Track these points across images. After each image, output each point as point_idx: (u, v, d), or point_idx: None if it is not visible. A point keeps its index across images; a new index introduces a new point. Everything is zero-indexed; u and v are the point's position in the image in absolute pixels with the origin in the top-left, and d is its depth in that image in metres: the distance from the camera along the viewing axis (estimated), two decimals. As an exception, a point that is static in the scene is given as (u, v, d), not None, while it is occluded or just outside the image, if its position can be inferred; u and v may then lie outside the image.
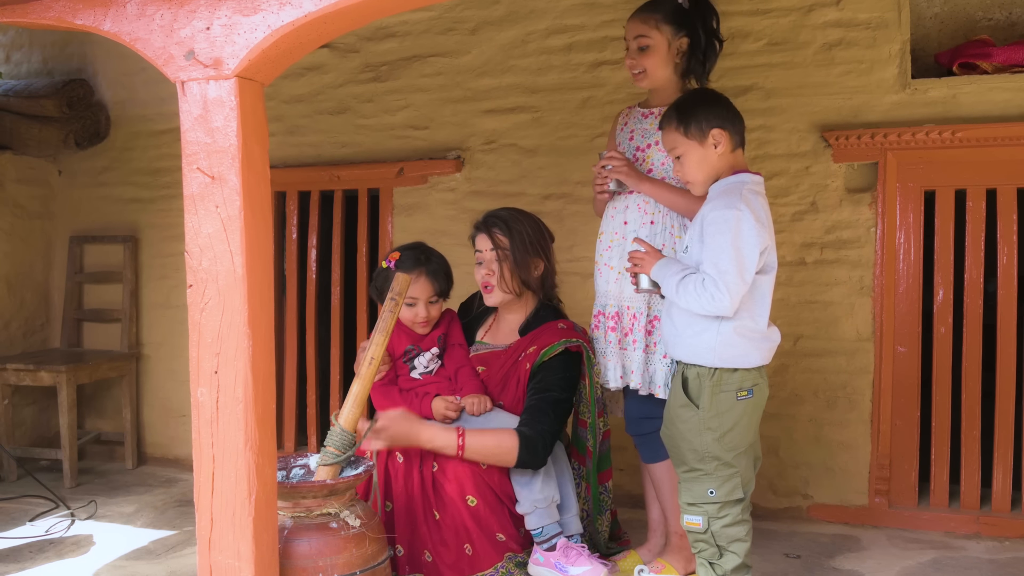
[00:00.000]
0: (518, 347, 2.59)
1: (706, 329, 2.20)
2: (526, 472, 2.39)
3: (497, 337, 2.71)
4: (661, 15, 2.57)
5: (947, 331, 3.22)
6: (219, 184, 1.71)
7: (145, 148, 4.32)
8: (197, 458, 1.78)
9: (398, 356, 2.60)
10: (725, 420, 2.19)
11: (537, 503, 2.39)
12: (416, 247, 2.65)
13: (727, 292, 2.13)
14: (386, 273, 2.54)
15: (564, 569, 2.35)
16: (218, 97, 1.71)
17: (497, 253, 2.57)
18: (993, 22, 3.39)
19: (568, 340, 2.51)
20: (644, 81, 2.63)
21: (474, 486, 2.36)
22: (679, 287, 2.21)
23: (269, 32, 1.66)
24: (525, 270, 2.59)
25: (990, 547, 3.03)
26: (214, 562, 1.77)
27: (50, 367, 3.87)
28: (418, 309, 2.57)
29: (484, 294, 2.65)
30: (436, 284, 2.58)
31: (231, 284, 1.72)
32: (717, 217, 2.18)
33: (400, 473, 2.39)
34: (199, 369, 1.76)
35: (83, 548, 3.09)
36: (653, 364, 2.54)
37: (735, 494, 2.20)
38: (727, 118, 2.28)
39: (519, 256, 2.57)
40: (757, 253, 2.15)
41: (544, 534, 2.41)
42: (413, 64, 3.87)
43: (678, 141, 2.29)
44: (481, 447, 2.35)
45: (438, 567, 2.37)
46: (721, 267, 2.14)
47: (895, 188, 3.23)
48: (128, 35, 1.76)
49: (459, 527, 2.36)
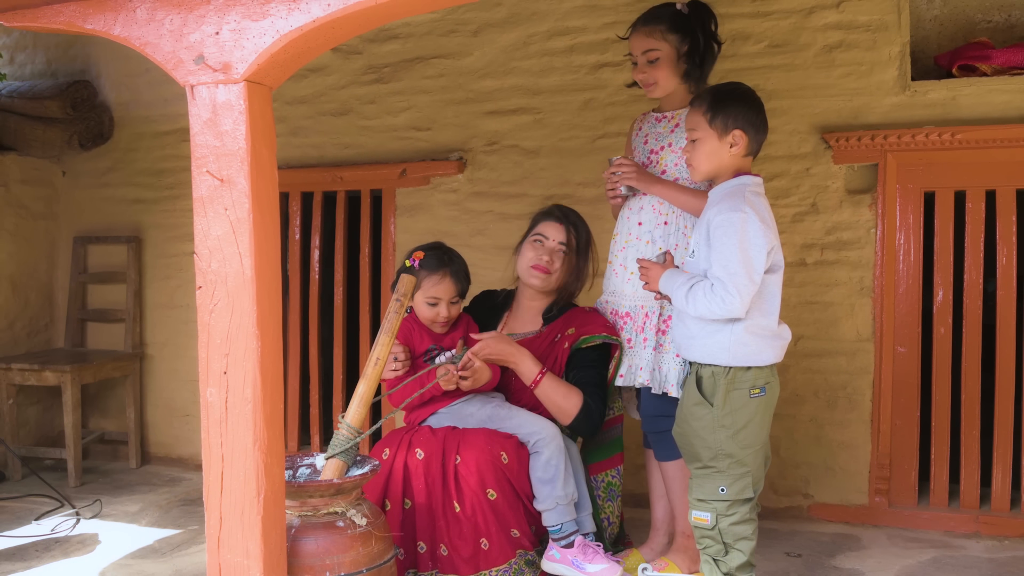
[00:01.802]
0: (553, 329, 2.70)
1: (719, 330, 2.23)
2: (550, 468, 2.44)
3: (521, 325, 2.79)
4: (665, 25, 2.60)
5: (947, 331, 3.24)
6: (228, 187, 1.73)
7: (149, 149, 4.34)
8: (206, 458, 1.80)
9: (419, 355, 2.63)
10: (739, 417, 2.22)
11: (559, 499, 2.43)
12: (438, 247, 2.68)
13: (737, 294, 2.16)
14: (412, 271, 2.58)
15: (581, 566, 2.38)
16: (227, 101, 1.73)
17: (566, 247, 2.70)
18: (992, 24, 3.41)
19: (609, 337, 2.62)
20: (656, 91, 2.67)
21: (495, 479, 2.39)
22: (688, 296, 2.24)
23: (278, 37, 1.68)
24: (575, 278, 2.74)
25: (989, 546, 3.05)
26: (223, 560, 1.79)
27: (55, 367, 3.89)
28: (440, 309, 2.61)
29: (534, 272, 2.70)
30: (459, 285, 2.64)
31: (240, 286, 1.74)
32: (723, 221, 2.21)
33: (420, 469, 2.41)
34: (208, 370, 1.78)
35: (89, 547, 3.11)
36: (666, 363, 2.56)
37: (745, 493, 2.23)
38: (754, 125, 2.30)
39: (578, 263, 2.73)
40: (764, 253, 2.18)
41: (563, 531, 2.44)
42: (415, 66, 3.89)
43: (700, 124, 2.31)
44: (552, 390, 2.55)
45: (453, 561, 2.39)
46: (730, 269, 2.17)
47: (895, 189, 3.26)
48: (138, 40, 1.78)
49: (478, 520, 2.39)
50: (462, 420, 2.59)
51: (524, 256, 2.73)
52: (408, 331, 2.64)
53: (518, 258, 2.77)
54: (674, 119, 2.67)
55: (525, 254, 2.73)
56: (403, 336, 2.61)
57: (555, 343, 2.67)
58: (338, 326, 4.06)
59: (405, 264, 2.61)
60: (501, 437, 2.47)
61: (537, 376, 2.56)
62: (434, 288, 2.58)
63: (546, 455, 2.45)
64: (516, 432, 2.50)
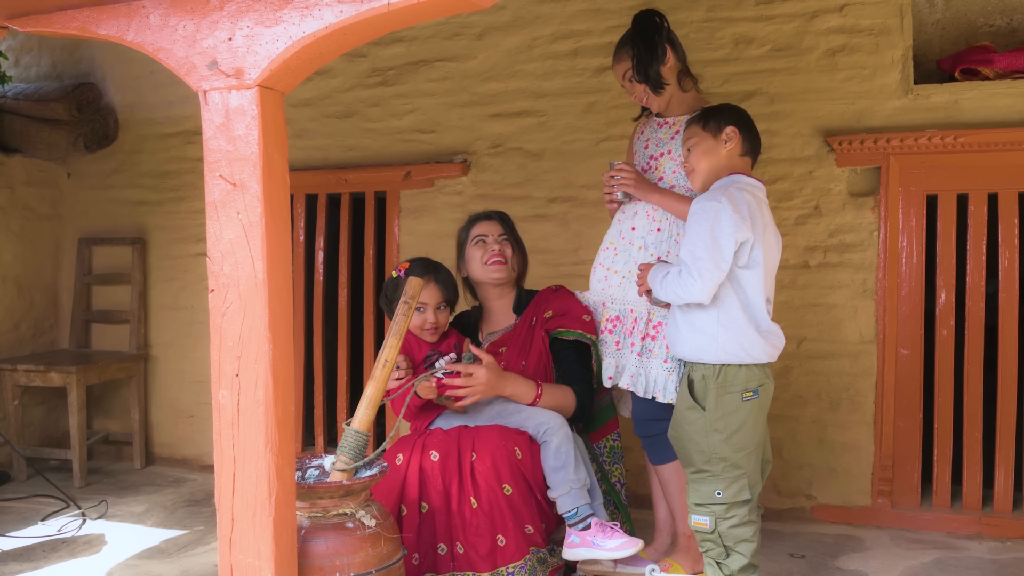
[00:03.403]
0: (527, 316, 2.79)
1: (702, 323, 2.28)
2: (560, 455, 2.48)
3: (497, 323, 2.87)
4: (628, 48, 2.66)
5: (949, 333, 3.26)
6: (240, 191, 1.75)
7: (153, 151, 4.35)
8: (218, 459, 1.81)
9: (419, 362, 2.66)
10: (731, 421, 2.24)
11: (572, 484, 2.46)
12: (424, 259, 2.77)
13: (699, 278, 2.21)
14: (396, 282, 2.65)
15: (601, 544, 2.41)
16: (240, 106, 1.74)
17: (506, 235, 2.82)
18: (994, 28, 3.42)
19: (583, 335, 2.69)
20: (653, 105, 2.71)
21: (510, 474, 2.42)
22: (662, 283, 2.33)
23: (290, 43, 1.69)
24: (523, 259, 2.87)
25: (992, 547, 3.07)
26: (235, 561, 1.80)
27: (60, 368, 3.91)
28: (427, 315, 2.66)
29: (492, 267, 2.77)
30: (445, 291, 2.69)
31: (252, 289, 1.75)
32: (698, 208, 2.30)
33: (436, 470, 2.43)
34: (220, 372, 1.79)
35: (95, 547, 3.13)
36: (654, 368, 2.59)
37: (742, 495, 2.24)
38: (745, 126, 2.41)
39: (517, 246, 2.86)
40: (733, 242, 2.22)
41: (578, 515, 2.46)
42: (420, 69, 3.91)
43: (695, 132, 2.43)
44: (550, 396, 2.64)
45: (471, 558, 2.41)
46: (696, 254, 2.23)
47: (897, 192, 3.27)
48: (151, 45, 1.79)
49: (496, 516, 2.41)
50: (470, 419, 2.62)
51: (473, 260, 2.80)
52: (406, 340, 2.66)
53: (467, 267, 2.84)
54: (675, 125, 2.70)
55: (474, 257, 2.80)
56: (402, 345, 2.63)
57: (532, 327, 2.76)
58: (342, 328, 4.08)
59: (392, 275, 2.69)
60: (513, 433, 2.51)
61: (536, 392, 2.61)
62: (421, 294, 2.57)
63: (555, 443, 2.49)
64: (524, 425, 2.55)
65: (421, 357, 2.66)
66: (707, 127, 2.39)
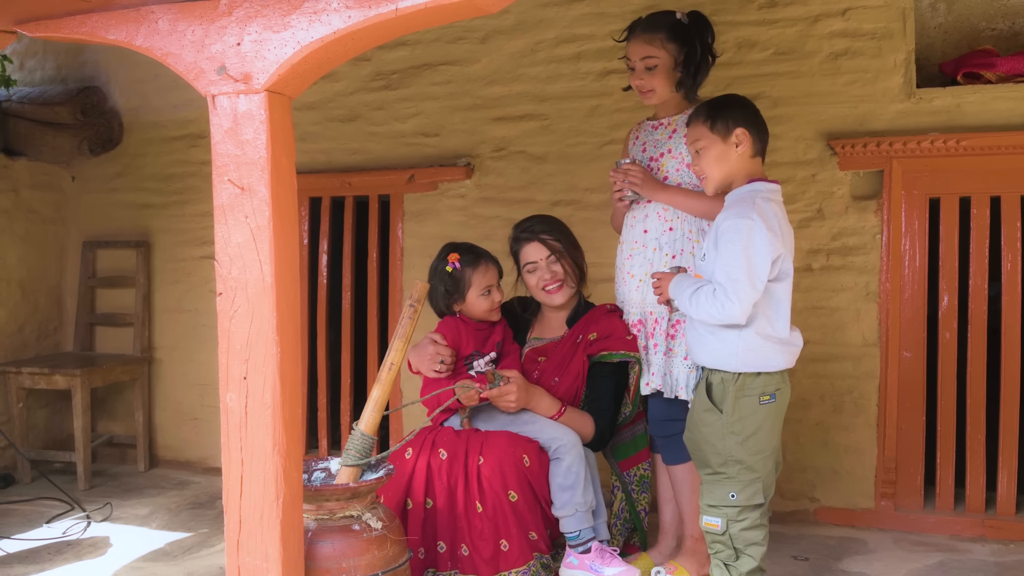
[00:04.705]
0: (575, 332, 2.76)
1: (728, 336, 2.25)
2: (571, 475, 2.48)
3: (548, 331, 2.87)
4: (665, 34, 2.64)
5: (952, 336, 3.27)
6: (248, 195, 1.76)
7: (157, 154, 4.37)
8: (226, 462, 1.82)
9: (461, 358, 2.69)
10: (748, 424, 2.24)
11: (578, 506, 2.46)
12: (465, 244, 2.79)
13: (737, 300, 2.18)
14: (458, 275, 2.68)
15: (600, 571, 2.42)
16: (248, 111, 1.75)
17: (554, 256, 2.76)
18: (996, 32, 3.44)
19: (628, 355, 2.67)
20: (653, 99, 2.70)
21: (516, 481, 2.43)
22: (692, 300, 2.28)
23: (298, 48, 1.71)
24: (579, 268, 2.82)
25: (995, 550, 3.07)
26: (242, 563, 1.81)
27: (65, 370, 3.92)
28: (493, 296, 2.72)
29: (549, 295, 2.77)
30: (498, 268, 2.77)
31: (260, 292, 1.77)
32: (730, 227, 2.24)
33: (443, 469, 2.45)
34: (228, 375, 1.81)
35: (100, 549, 3.13)
36: (675, 367, 2.60)
37: (755, 499, 2.25)
38: (754, 123, 2.34)
39: (571, 251, 2.79)
40: (768, 261, 2.20)
41: (580, 537, 2.47)
42: (423, 72, 3.92)
43: (703, 134, 2.34)
44: (569, 421, 2.63)
45: (474, 561, 2.42)
46: (732, 276, 2.19)
47: (900, 195, 3.28)
48: (160, 50, 1.81)
49: (500, 521, 2.42)
50: (484, 423, 2.63)
51: (530, 286, 2.82)
52: (456, 335, 2.69)
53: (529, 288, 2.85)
54: (671, 125, 2.71)
55: (530, 284, 2.82)
56: (452, 339, 2.67)
57: (576, 346, 2.73)
58: (346, 331, 4.09)
59: (446, 269, 2.69)
60: (523, 440, 2.51)
61: (559, 411, 2.62)
62: (483, 278, 2.70)
63: (567, 461, 2.49)
64: (537, 437, 2.54)
65: (468, 352, 2.68)
66: (715, 129, 2.31)
